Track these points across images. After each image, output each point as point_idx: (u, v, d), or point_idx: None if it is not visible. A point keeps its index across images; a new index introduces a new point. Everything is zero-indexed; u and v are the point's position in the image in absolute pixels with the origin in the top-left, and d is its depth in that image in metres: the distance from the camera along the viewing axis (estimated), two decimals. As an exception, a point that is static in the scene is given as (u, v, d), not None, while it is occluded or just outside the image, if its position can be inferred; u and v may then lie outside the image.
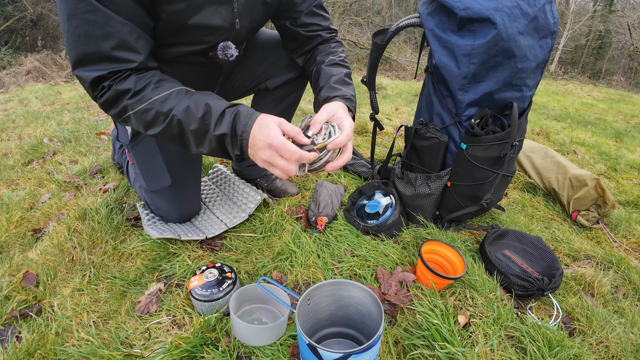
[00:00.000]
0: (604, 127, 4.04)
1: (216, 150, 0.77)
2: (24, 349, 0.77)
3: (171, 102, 0.74)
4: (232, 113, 0.75)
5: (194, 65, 0.95)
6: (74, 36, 0.69)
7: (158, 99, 0.74)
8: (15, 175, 1.65)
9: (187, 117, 0.73)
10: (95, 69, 0.71)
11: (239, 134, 0.74)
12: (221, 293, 0.86)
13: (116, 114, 0.76)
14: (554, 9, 1.00)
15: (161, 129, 0.75)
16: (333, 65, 1.02)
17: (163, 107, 0.74)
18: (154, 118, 0.74)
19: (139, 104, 0.74)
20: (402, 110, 3.33)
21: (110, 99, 0.74)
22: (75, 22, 0.67)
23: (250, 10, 0.91)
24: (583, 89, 9.59)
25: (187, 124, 0.74)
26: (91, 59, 0.71)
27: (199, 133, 0.75)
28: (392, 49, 9.98)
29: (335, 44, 1.09)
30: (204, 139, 0.75)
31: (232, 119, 0.74)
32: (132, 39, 0.72)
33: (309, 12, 1.04)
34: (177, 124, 0.74)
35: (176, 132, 0.76)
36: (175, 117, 0.73)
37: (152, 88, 0.74)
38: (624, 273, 1.16)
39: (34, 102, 3.77)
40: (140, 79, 0.74)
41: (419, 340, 0.83)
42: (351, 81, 1.01)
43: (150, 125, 0.76)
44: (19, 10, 9.11)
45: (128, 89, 0.73)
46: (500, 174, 1.09)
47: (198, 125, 0.74)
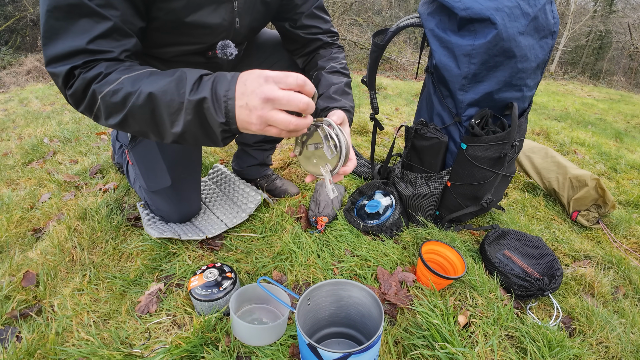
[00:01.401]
0: (604, 127, 4.04)
1: (194, 125, 0.63)
2: (24, 348, 0.77)
3: (142, 80, 0.64)
4: (210, 78, 0.64)
5: (194, 65, 0.95)
6: (52, 29, 0.65)
7: (128, 78, 0.64)
8: (15, 175, 1.65)
9: (159, 88, 0.63)
10: (69, 63, 0.65)
11: (221, 94, 0.61)
12: (221, 293, 0.86)
13: (86, 107, 0.68)
14: (554, 9, 1.00)
15: (129, 108, 0.64)
16: (334, 72, 1.00)
17: (133, 86, 0.64)
18: (123, 99, 0.64)
19: (107, 86, 0.64)
20: (402, 110, 3.33)
21: (79, 88, 0.66)
22: (55, 15, 0.64)
23: (250, 9, 0.91)
24: (583, 89, 9.59)
25: (159, 96, 0.63)
26: (68, 55, 0.66)
27: (173, 105, 0.63)
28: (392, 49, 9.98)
29: (336, 50, 1.08)
30: (180, 113, 0.63)
31: (211, 82, 0.63)
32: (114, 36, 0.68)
33: (310, 13, 1.03)
34: (146, 98, 0.63)
35: (147, 111, 0.64)
36: (145, 90, 0.63)
37: (122, 69, 0.66)
38: (624, 273, 1.16)
39: (34, 102, 3.77)
40: (111, 64, 0.67)
41: (419, 340, 0.83)
42: (350, 91, 0.99)
43: (117, 107, 0.65)
44: (19, 10, 9.11)
45: (98, 73, 0.65)
46: (500, 174, 1.09)
47: (172, 96, 0.62)
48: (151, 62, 0.89)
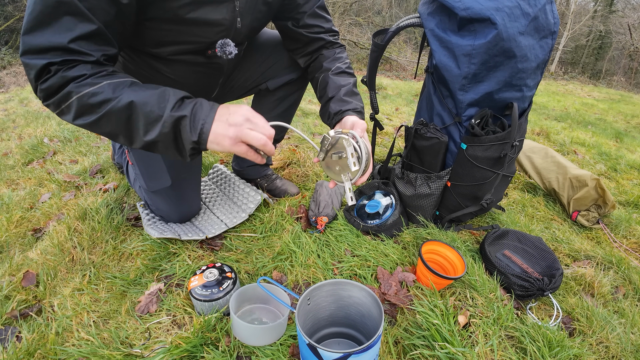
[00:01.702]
0: (604, 127, 4.04)
1: (168, 138, 0.70)
2: (24, 348, 0.77)
3: (123, 89, 0.68)
4: (192, 101, 0.71)
5: (194, 65, 0.95)
6: (36, 21, 0.64)
7: (109, 84, 0.67)
8: (15, 175, 1.65)
9: (140, 98, 0.67)
10: (46, 57, 0.65)
11: (200, 117, 0.69)
12: (221, 293, 0.86)
13: (55, 101, 0.69)
14: (554, 9, 1.00)
15: (105, 111, 0.67)
16: (340, 74, 1.03)
17: (114, 92, 0.67)
18: (100, 102, 0.67)
19: (87, 87, 0.66)
20: (402, 110, 3.33)
21: (55, 85, 0.67)
22: (40, 7, 0.63)
23: (252, 9, 0.91)
24: (583, 89, 9.59)
25: (139, 105, 0.67)
26: (47, 48, 0.65)
27: (151, 115, 0.68)
28: (392, 49, 9.98)
29: (339, 49, 1.10)
30: (156, 124, 0.68)
31: (192, 105, 0.70)
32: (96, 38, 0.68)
33: (312, 13, 1.04)
34: (126, 105, 0.67)
35: (123, 116, 0.68)
36: (126, 98, 0.67)
37: (103, 74, 0.68)
38: (624, 273, 1.16)
39: (34, 101, 3.77)
40: (93, 67, 0.68)
41: (419, 340, 0.83)
42: (358, 90, 1.02)
43: (92, 109, 0.68)
44: (19, 10, 9.11)
45: (81, 74, 0.67)
46: (500, 174, 1.09)
47: (152, 107, 0.67)
48: (150, 61, 0.89)
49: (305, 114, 2.78)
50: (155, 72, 0.91)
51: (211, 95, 1.15)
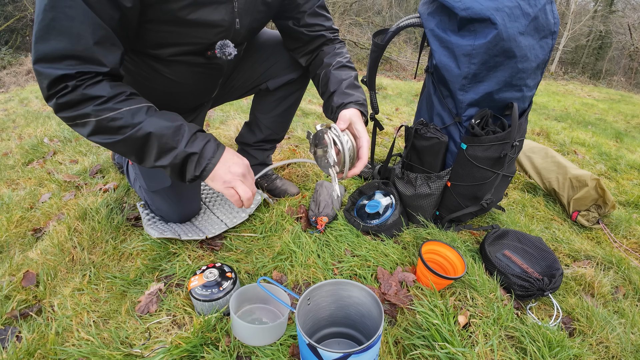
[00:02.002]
0: (604, 127, 4.04)
1: (174, 167, 0.78)
2: (24, 348, 0.77)
3: (141, 116, 0.74)
4: (204, 137, 0.80)
5: (194, 65, 0.95)
6: (47, 29, 0.65)
7: (128, 110, 0.73)
8: (15, 175, 1.65)
9: (159, 130, 0.74)
10: (60, 66, 0.67)
11: (208, 156, 0.79)
12: (221, 293, 0.86)
13: (71, 117, 0.72)
14: (554, 9, 1.00)
15: (124, 137, 0.73)
16: (341, 68, 1.03)
17: (133, 118, 0.73)
18: (120, 127, 0.73)
19: (106, 112, 0.71)
20: (402, 111, 3.33)
21: (73, 101, 0.70)
22: (51, 14, 0.64)
23: (251, 9, 0.91)
24: (583, 89, 9.59)
25: (157, 136, 0.74)
26: (59, 56, 0.67)
27: (166, 147, 0.76)
28: (392, 49, 9.98)
29: (339, 45, 1.10)
30: (169, 153, 0.77)
31: (204, 142, 0.79)
32: (107, 44, 0.70)
33: (312, 12, 1.04)
34: (144, 135, 0.74)
35: (139, 143, 0.75)
36: (145, 128, 0.73)
37: (122, 99, 0.73)
38: (624, 273, 1.16)
39: (34, 101, 3.77)
40: (112, 87, 0.72)
41: (419, 340, 0.83)
42: (359, 83, 1.02)
43: (110, 132, 0.73)
44: (19, 10, 9.11)
45: (99, 95, 0.70)
46: (500, 174, 1.09)
47: (167, 140, 0.75)
48: (150, 62, 0.89)
49: (305, 114, 2.78)
50: (155, 73, 0.91)
51: (211, 95, 1.15)
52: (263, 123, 1.32)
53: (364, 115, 0.94)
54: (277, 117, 1.30)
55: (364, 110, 0.94)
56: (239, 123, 2.20)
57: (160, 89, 0.96)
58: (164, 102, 0.84)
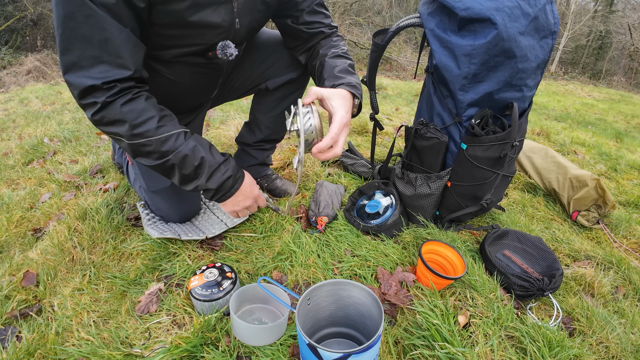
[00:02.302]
0: (604, 127, 4.04)
1: (194, 191, 0.88)
2: (24, 348, 0.77)
3: (170, 144, 0.79)
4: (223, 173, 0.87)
5: (193, 66, 0.95)
6: (69, 39, 0.67)
7: (158, 139, 0.77)
8: (15, 175, 1.66)
9: (183, 164, 0.81)
10: (88, 75, 0.69)
11: (225, 191, 0.89)
12: (221, 293, 0.86)
13: (107, 133, 0.78)
14: (554, 9, 1.00)
15: (153, 164, 0.81)
16: (336, 57, 1.02)
17: (161, 147, 0.78)
18: (149, 153, 0.79)
19: (137, 138, 0.76)
20: (403, 111, 3.33)
21: (106, 119, 0.74)
22: (71, 24, 0.66)
23: (250, 9, 0.91)
24: (583, 89, 9.59)
25: (180, 168, 0.81)
26: (85, 64, 0.69)
27: (188, 178, 0.84)
28: (392, 49, 9.98)
29: (336, 38, 1.10)
30: (190, 183, 0.85)
31: (223, 179, 0.87)
32: (129, 46, 0.71)
33: (311, 10, 1.04)
34: (170, 165, 0.81)
35: (166, 169, 0.83)
36: (171, 160, 0.80)
37: (154, 126, 0.77)
38: (624, 273, 1.16)
39: (34, 101, 3.77)
40: (143, 111, 0.75)
41: (419, 340, 0.83)
42: (354, 71, 1.01)
43: (142, 155, 0.80)
44: (20, 10, 9.12)
45: (129, 120, 0.74)
46: (500, 174, 1.09)
47: (189, 172, 0.83)
48: (150, 63, 0.89)
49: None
50: (156, 74, 0.91)
51: (211, 95, 1.15)
52: (263, 123, 1.32)
53: (357, 98, 0.92)
54: (277, 117, 1.30)
55: (355, 92, 0.92)
56: (239, 123, 2.20)
57: (159, 89, 0.96)
58: (163, 102, 0.84)
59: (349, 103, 0.88)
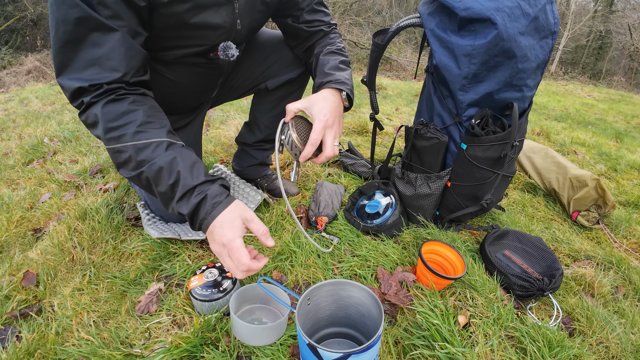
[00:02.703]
0: (604, 127, 4.04)
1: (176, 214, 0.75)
2: (24, 348, 0.77)
3: (146, 153, 0.70)
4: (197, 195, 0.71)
5: (194, 66, 0.95)
6: (60, 42, 0.66)
7: (134, 146, 0.70)
8: (15, 175, 1.66)
9: (157, 179, 0.71)
10: (78, 77, 0.68)
11: (199, 219, 0.71)
12: (221, 293, 0.86)
13: (94, 134, 0.76)
14: (554, 9, 1.00)
15: (130, 176, 0.73)
16: (329, 54, 1.03)
17: (137, 155, 0.70)
18: (125, 161, 0.71)
19: (113, 142, 0.70)
20: (403, 111, 3.33)
21: (88, 120, 0.72)
22: (63, 28, 0.65)
23: (251, 10, 0.91)
24: (583, 89, 9.59)
25: (155, 183, 0.72)
26: (75, 67, 0.68)
27: (165, 196, 0.73)
28: (392, 49, 9.98)
29: (334, 35, 1.10)
30: (170, 203, 0.73)
31: (196, 202, 0.70)
32: (121, 49, 0.69)
33: (311, 9, 1.05)
34: (145, 180, 0.72)
35: (144, 184, 0.74)
36: (145, 173, 0.71)
37: (133, 131, 0.70)
38: (624, 273, 1.16)
39: (34, 101, 3.77)
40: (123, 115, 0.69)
41: (419, 340, 0.83)
42: (347, 67, 1.00)
43: (120, 165, 0.73)
44: (20, 10, 9.12)
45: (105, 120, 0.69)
46: (500, 174, 1.09)
47: (165, 190, 0.71)
48: (151, 63, 0.89)
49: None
50: (156, 74, 0.91)
51: (211, 95, 1.15)
52: (263, 123, 1.32)
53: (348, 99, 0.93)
54: (277, 117, 1.30)
55: (341, 86, 0.91)
56: (239, 123, 2.20)
57: (159, 89, 0.96)
58: (163, 103, 0.84)
59: (331, 102, 0.87)
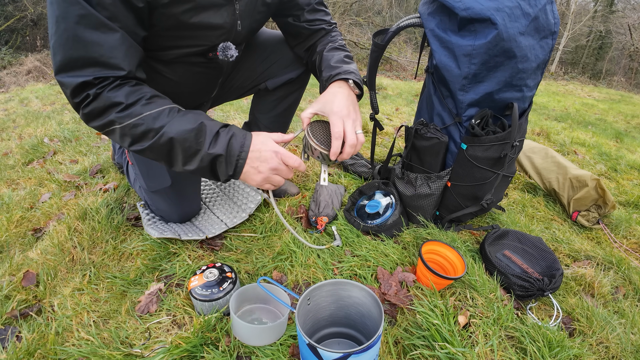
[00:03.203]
0: (604, 127, 4.04)
1: (204, 170, 0.76)
2: (24, 348, 0.77)
3: (162, 119, 0.72)
4: (227, 133, 0.75)
5: (193, 65, 0.95)
6: (61, 39, 0.66)
7: (149, 115, 0.71)
8: (15, 175, 1.65)
9: (180, 135, 0.72)
10: (80, 74, 0.68)
11: (235, 154, 0.75)
12: (221, 293, 0.86)
13: (99, 126, 0.73)
14: (554, 9, 1.00)
15: (149, 145, 0.73)
16: (332, 50, 1.04)
17: (154, 123, 0.71)
18: (143, 134, 0.72)
19: (128, 119, 0.71)
20: (403, 111, 3.33)
21: (97, 110, 0.71)
22: (64, 25, 0.65)
23: (251, 11, 0.92)
24: (583, 90, 9.59)
25: (179, 141, 0.72)
26: (77, 64, 0.68)
27: (190, 151, 0.74)
28: (392, 49, 9.98)
29: (335, 33, 1.11)
30: (194, 157, 0.74)
31: (227, 139, 0.74)
32: (123, 47, 0.70)
33: (311, 8, 1.06)
34: (167, 140, 0.72)
35: (165, 149, 0.74)
36: (167, 133, 0.72)
37: (143, 103, 0.72)
38: (624, 273, 1.16)
39: (34, 101, 3.77)
40: (132, 93, 0.71)
41: (419, 340, 0.83)
42: (351, 61, 1.01)
43: (137, 140, 0.73)
44: (20, 10, 9.11)
45: (119, 102, 0.70)
46: (500, 174, 1.09)
47: (190, 143, 0.73)
48: (151, 63, 0.89)
49: (305, 114, 2.77)
50: (156, 74, 0.91)
51: (210, 95, 1.15)
52: (262, 123, 1.32)
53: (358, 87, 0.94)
54: (277, 117, 1.30)
55: (349, 76, 0.92)
56: (239, 123, 2.20)
57: (159, 89, 0.96)
58: None
59: (341, 95, 0.89)
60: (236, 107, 2.91)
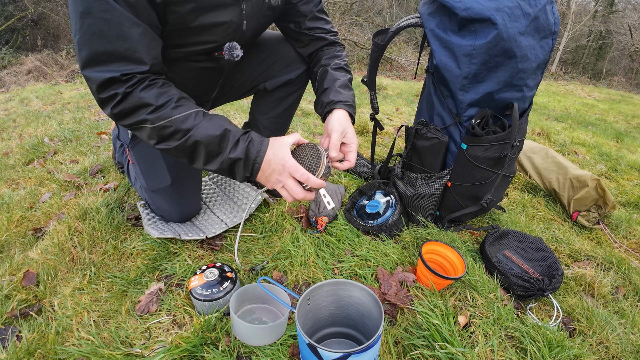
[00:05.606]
0: (604, 127, 4.03)
1: (225, 170, 0.82)
2: (24, 348, 0.77)
3: (190, 122, 0.77)
4: (245, 140, 0.80)
5: (196, 65, 0.96)
6: (86, 35, 0.68)
7: (178, 118, 0.76)
8: (15, 175, 1.66)
9: (206, 139, 0.77)
10: (107, 69, 0.70)
11: (252, 159, 0.80)
12: (221, 293, 0.86)
13: (130, 124, 0.77)
14: (554, 9, 1.00)
15: (176, 145, 0.78)
16: (338, 69, 1.07)
17: (182, 125, 0.76)
18: (171, 135, 0.77)
19: (159, 120, 0.75)
20: (403, 111, 3.33)
21: (126, 109, 0.74)
22: (89, 20, 0.67)
23: (257, 14, 0.94)
24: (584, 90, 9.58)
25: (204, 144, 0.77)
26: (103, 59, 0.70)
27: (212, 153, 0.79)
28: (392, 49, 9.97)
29: (339, 48, 1.14)
30: (216, 159, 0.80)
31: (246, 145, 0.79)
32: (146, 41, 0.72)
33: (312, 17, 1.08)
34: (193, 143, 0.77)
35: (190, 150, 0.79)
36: (193, 137, 0.76)
37: (172, 106, 0.76)
38: (625, 274, 1.16)
39: (34, 101, 3.77)
40: (161, 95, 0.75)
41: (419, 340, 0.83)
42: (351, 86, 1.08)
43: (164, 139, 0.78)
44: (20, 10, 9.12)
45: (149, 103, 0.73)
46: (500, 174, 1.09)
47: (214, 147, 0.78)
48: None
49: (305, 114, 2.78)
50: None
51: (210, 96, 1.15)
52: (262, 124, 1.32)
53: (351, 116, 0.99)
54: (276, 118, 1.30)
55: (351, 111, 0.99)
56: (239, 123, 2.20)
57: None
58: None
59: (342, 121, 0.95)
60: (236, 107, 2.91)
